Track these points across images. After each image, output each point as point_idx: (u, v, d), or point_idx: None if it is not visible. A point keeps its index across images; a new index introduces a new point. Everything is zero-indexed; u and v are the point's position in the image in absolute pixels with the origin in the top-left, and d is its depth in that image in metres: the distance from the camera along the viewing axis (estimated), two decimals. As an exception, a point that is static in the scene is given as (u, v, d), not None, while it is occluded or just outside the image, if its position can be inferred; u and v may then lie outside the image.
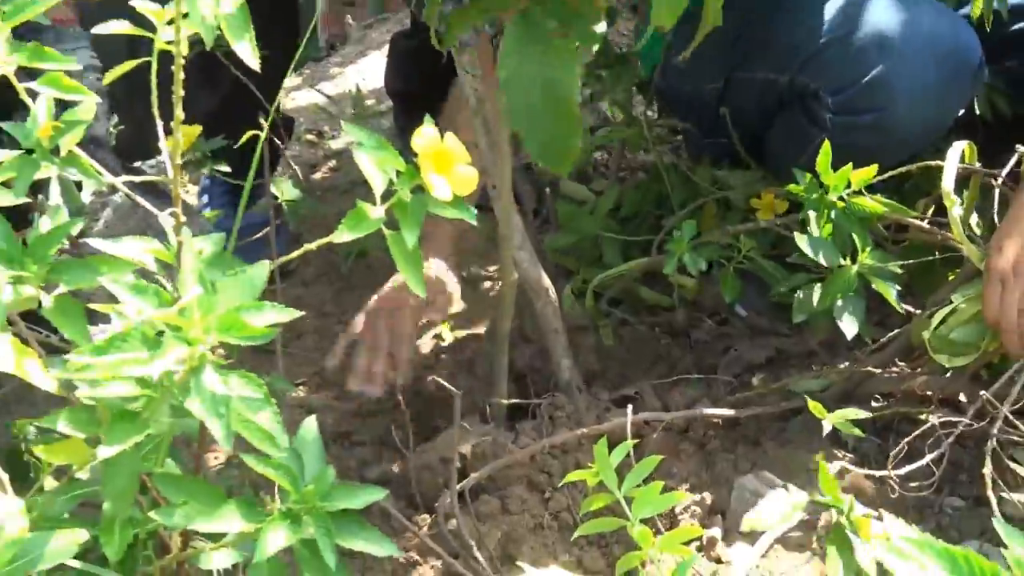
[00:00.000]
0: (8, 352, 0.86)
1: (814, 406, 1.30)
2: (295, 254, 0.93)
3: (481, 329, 1.91)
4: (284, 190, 2.02)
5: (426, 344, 1.90)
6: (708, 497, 1.46)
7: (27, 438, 1.07)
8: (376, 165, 0.86)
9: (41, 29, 1.63)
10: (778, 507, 1.24)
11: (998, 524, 0.67)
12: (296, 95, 2.93)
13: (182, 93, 0.89)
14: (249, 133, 1.23)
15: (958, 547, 0.58)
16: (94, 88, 1.56)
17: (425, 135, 0.85)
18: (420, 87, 1.47)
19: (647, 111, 1.95)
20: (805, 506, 1.24)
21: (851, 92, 1.59)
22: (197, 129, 1.84)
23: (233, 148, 1.91)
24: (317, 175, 2.52)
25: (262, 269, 0.76)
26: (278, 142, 1.94)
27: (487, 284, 1.98)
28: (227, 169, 1.93)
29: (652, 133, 1.88)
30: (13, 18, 0.94)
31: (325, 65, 3.00)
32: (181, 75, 0.88)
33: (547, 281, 1.60)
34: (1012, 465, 1.29)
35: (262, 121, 1.30)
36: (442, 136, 0.86)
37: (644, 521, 1.09)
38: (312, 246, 0.92)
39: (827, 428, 1.31)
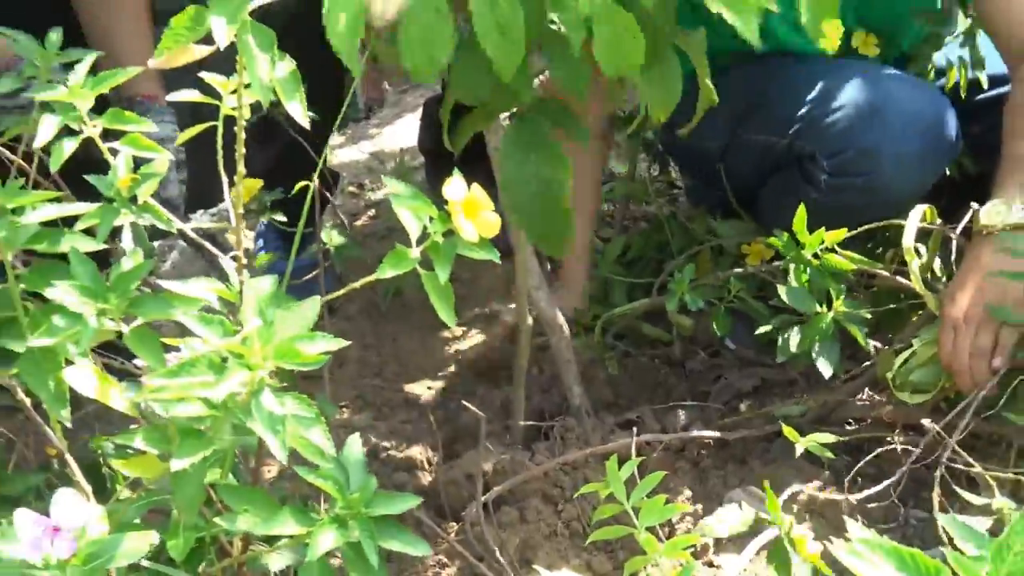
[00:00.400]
0: (91, 378, 0.86)
1: (788, 431, 1.29)
2: (340, 292, 0.94)
3: (504, 359, 1.91)
4: (331, 236, 2.02)
5: (455, 372, 1.91)
6: (701, 509, 1.45)
7: (105, 453, 1.07)
8: (412, 213, 0.87)
9: (134, 104, 1.59)
10: (731, 517, 1.24)
11: (946, 521, 0.67)
12: (340, 152, 2.94)
13: (244, 151, 0.91)
14: (300, 185, 1.24)
15: (906, 548, 0.59)
16: (174, 170, 1.57)
17: (455, 186, 0.86)
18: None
19: (650, 168, 1.95)
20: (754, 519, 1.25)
21: (844, 157, 1.58)
22: (257, 183, 1.85)
23: (286, 199, 1.93)
24: (359, 222, 2.52)
25: (314, 305, 0.76)
26: (326, 194, 1.95)
27: (508, 319, 1.98)
28: (281, 217, 1.93)
29: (653, 187, 1.88)
30: (98, 87, 0.95)
31: (365, 126, 3.01)
32: (243, 135, 0.90)
33: (561, 318, 1.60)
34: (961, 489, 1.27)
35: (312, 175, 1.31)
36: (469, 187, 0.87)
37: (648, 529, 1.08)
38: (356, 285, 0.92)
39: (799, 450, 1.30)
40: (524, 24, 1.02)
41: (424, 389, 1.89)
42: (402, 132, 2.99)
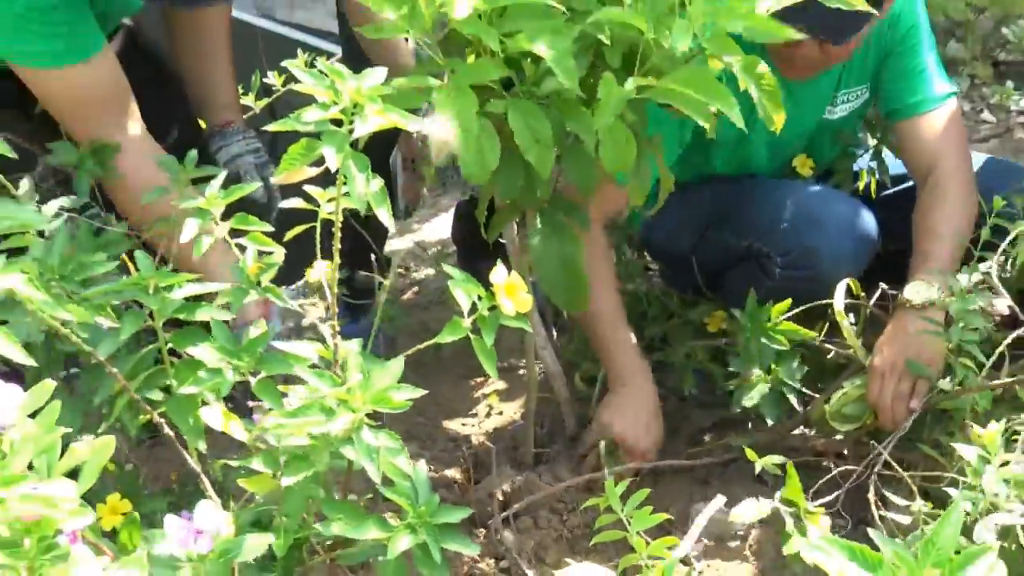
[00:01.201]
0: (219, 416, 0.89)
1: (750, 453, 1.30)
2: (411, 351, 0.96)
3: (517, 403, 1.92)
4: (386, 308, 2.04)
5: (481, 411, 1.92)
6: (675, 519, 1.45)
7: (223, 474, 1.08)
8: (464, 292, 0.90)
9: (212, 133, 1.59)
10: (749, 509, 1.24)
11: (873, 534, 0.69)
12: (390, 242, 2.98)
13: (338, 245, 0.93)
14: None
15: (856, 543, 0.61)
16: (252, 171, 1.56)
17: (499, 272, 0.88)
18: (476, 238, 1.50)
19: (634, 254, 1.96)
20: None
21: (793, 255, 1.61)
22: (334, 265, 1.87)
23: (351, 277, 1.96)
24: (405, 296, 2.54)
25: (399, 363, 0.78)
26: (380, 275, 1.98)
27: (521, 372, 1.99)
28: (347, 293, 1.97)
29: (636, 269, 1.90)
30: (228, 197, 0.98)
31: (409, 223, 3.04)
32: (339, 233, 0.93)
33: (561, 371, 1.62)
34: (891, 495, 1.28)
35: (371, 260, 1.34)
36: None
37: (638, 533, 1.09)
38: (421, 346, 0.95)
39: (758, 468, 1.31)
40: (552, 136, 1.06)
41: (458, 425, 1.89)
42: (438, 227, 3.01)
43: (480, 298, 0.89)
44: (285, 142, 0.82)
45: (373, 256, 1.57)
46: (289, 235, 1.02)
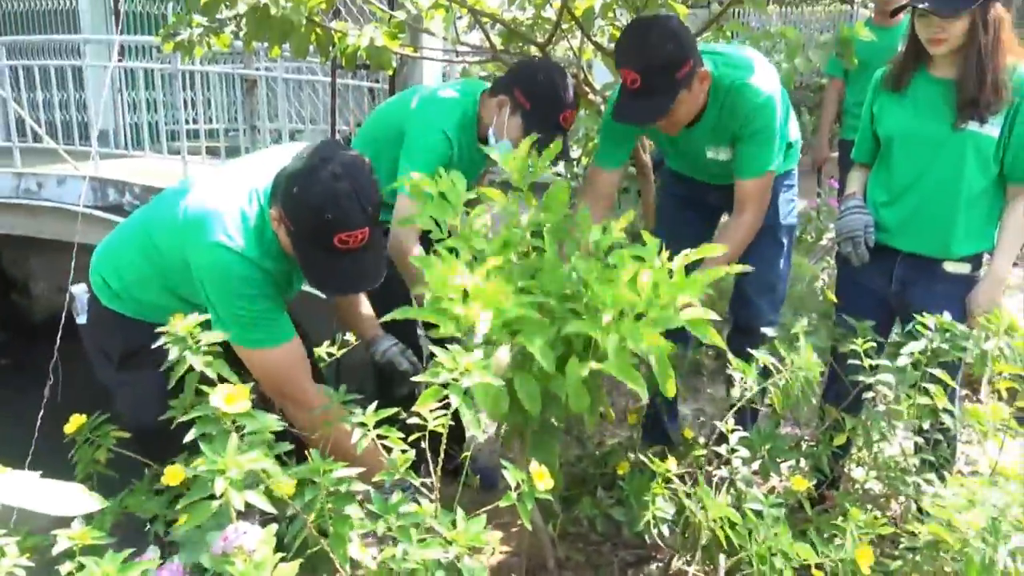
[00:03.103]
0: (358, 548, 1.42)
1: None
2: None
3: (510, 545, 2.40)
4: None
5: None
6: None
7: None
8: (513, 475, 1.46)
9: (368, 342, 2.36)
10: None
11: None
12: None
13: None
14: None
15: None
16: (399, 357, 2.29)
17: (534, 464, 1.45)
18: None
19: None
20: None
21: None
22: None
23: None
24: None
25: (482, 520, 1.34)
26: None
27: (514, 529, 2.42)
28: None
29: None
30: (378, 414, 1.55)
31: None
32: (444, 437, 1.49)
33: (544, 526, 2.05)
34: None
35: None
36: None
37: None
38: (486, 509, 1.50)
39: None
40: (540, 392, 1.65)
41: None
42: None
43: (523, 481, 1.45)
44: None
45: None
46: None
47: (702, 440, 2.45)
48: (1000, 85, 2.10)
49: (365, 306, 2.36)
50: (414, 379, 2.07)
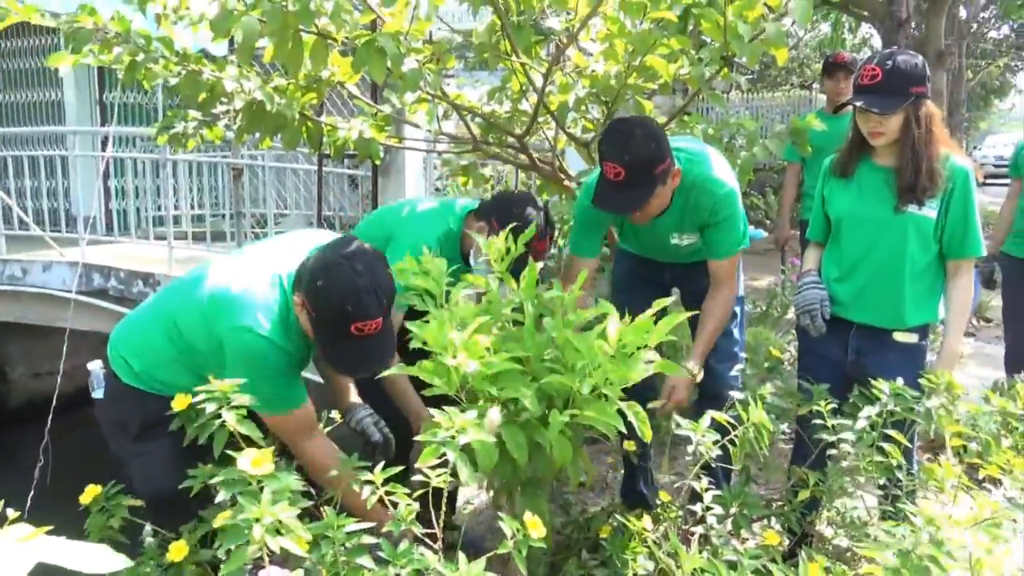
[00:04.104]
0: (365, 597, 1.56)
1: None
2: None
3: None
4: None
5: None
6: None
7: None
8: (508, 524, 1.61)
9: (346, 411, 2.45)
10: None
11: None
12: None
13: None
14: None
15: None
16: (371, 427, 2.44)
17: (529, 516, 1.60)
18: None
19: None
20: None
21: None
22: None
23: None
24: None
25: (481, 564, 1.48)
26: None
27: None
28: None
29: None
30: (385, 473, 1.71)
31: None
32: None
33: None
34: None
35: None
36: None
37: None
38: (486, 556, 1.64)
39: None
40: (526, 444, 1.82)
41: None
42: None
43: (519, 531, 1.60)
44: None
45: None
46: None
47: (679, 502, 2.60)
48: (934, 173, 2.35)
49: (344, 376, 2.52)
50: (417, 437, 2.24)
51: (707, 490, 2.21)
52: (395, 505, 1.63)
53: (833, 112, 4.63)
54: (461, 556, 1.51)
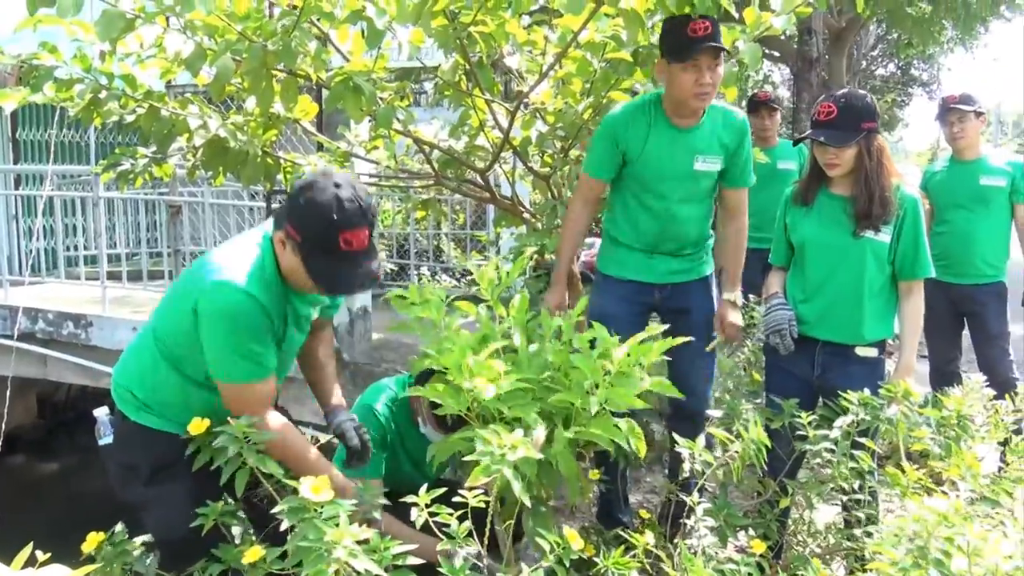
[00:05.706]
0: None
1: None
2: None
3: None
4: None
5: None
6: None
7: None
8: (544, 539, 1.69)
9: (328, 412, 2.42)
10: None
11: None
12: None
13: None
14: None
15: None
16: (351, 431, 2.38)
17: (544, 536, 1.68)
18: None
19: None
20: None
21: None
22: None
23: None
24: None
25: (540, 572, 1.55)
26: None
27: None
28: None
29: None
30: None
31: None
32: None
33: None
34: None
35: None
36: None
37: None
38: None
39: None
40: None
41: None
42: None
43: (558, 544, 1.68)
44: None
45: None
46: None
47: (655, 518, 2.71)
48: (887, 201, 2.57)
49: (332, 378, 2.50)
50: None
51: (699, 503, 2.33)
52: (441, 526, 1.69)
53: (794, 143, 4.89)
54: (523, 566, 1.58)
